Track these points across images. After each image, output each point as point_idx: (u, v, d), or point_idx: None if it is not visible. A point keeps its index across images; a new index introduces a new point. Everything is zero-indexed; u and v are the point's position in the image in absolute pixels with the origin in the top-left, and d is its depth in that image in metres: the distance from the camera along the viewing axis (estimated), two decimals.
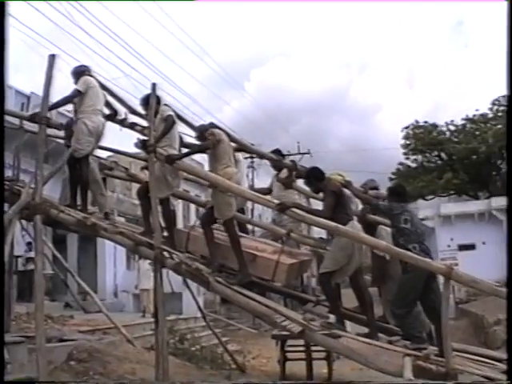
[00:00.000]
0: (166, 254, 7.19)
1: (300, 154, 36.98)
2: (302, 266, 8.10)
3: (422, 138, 42.01)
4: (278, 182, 9.25)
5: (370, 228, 8.08)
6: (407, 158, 43.89)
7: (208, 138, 7.58)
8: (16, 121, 9.53)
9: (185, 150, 8.15)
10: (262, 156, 9.62)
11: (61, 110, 9.72)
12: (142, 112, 8.26)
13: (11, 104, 16.86)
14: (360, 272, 7.51)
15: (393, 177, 42.51)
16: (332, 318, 7.41)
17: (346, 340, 6.87)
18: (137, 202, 8.71)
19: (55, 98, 8.19)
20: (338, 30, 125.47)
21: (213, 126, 8.00)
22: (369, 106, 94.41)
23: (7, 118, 11.43)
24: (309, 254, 8.62)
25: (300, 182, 9.34)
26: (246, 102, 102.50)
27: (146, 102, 7.95)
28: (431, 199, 41.35)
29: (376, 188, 8.99)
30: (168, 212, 7.97)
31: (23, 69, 64.91)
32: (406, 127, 43.00)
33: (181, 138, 8.29)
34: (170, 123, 7.67)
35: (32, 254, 10.34)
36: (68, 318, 13.08)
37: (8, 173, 10.29)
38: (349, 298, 8.17)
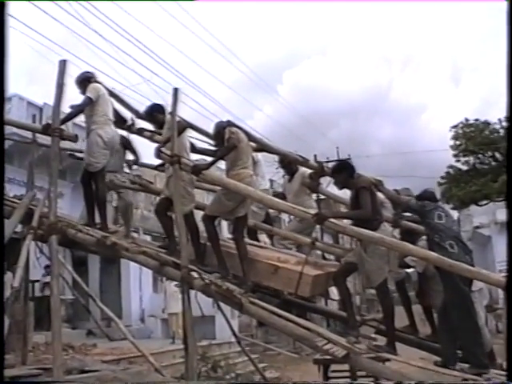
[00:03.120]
0: (194, 273, 7.10)
1: (339, 160, 36.68)
2: (329, 278, 7.95)
3: (473, 137, 41.20)
4: (303, 185, 9.26)
5: (408, 236, 7.97)
6: (458, 161, 43.03)
7: (231, 136, 7.53)
8: (29, 134, 9.58)
9: (196, 156, 8.15)
10: (285, 156, 9.51)
11: (76, 121, 9.70)
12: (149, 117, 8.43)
13: (23, 116, 17.08)
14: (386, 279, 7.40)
15: (442, 181, 41.80)
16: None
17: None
18: None
19: (68, 108, 8.21)
20: (378, 22, 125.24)
21: (230, 124, 7.94)
22: (412, 106, 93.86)
23: (19, 131, 11.62)
24: (336, 265, 8.48)
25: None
26: (279, 106, 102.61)
27: (149, 113, 8.33)
28: (485, 204, 40.55)
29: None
30: (194, 227, 7.90)
31: (36, 79, 65.97)
32: (455, 126, 42.28)
33: (192, 145, 8.27)
34: (180, 129, 7.57)
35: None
36: (91, 346, 13.13)
37: (22, 191, 10.41)
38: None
